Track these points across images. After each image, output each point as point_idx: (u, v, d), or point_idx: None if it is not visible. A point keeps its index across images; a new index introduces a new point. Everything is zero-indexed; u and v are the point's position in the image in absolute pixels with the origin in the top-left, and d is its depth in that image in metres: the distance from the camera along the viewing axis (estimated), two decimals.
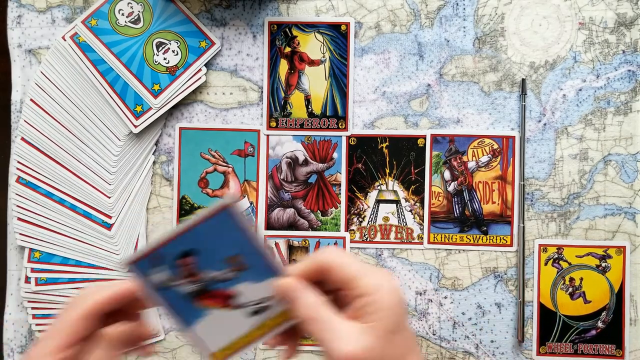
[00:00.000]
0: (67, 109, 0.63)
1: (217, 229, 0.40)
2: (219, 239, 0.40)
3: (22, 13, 0.64)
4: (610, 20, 0.62)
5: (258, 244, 0.41)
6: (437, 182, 0.63)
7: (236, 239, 0.41)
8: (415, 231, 0.63)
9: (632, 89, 0.62)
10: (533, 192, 0.62)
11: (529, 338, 0.62)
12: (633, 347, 0.61)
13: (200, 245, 0.40)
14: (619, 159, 0.62)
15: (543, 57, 0.62)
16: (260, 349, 0.63)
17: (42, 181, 0.63)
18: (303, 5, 0.63)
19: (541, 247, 0.62)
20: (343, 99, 0.63)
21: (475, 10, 0.63)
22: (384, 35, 0.63)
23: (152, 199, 0.64)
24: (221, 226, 0.40)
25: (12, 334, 0.64)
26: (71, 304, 0.41)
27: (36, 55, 0.64)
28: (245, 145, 0.64)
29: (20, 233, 0.63)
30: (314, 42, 0.63)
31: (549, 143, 0.62)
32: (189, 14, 0.63)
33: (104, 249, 0.63)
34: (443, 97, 0.63)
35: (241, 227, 0.40)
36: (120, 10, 0.63)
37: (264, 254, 0.41)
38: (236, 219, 0.40)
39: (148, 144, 0.64)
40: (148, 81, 0.62)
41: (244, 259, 0.41)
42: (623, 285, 0.61)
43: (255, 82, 0.64)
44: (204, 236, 0.40)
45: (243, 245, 0.41)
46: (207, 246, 0.41)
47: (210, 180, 0.64)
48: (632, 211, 0.62)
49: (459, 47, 0.63)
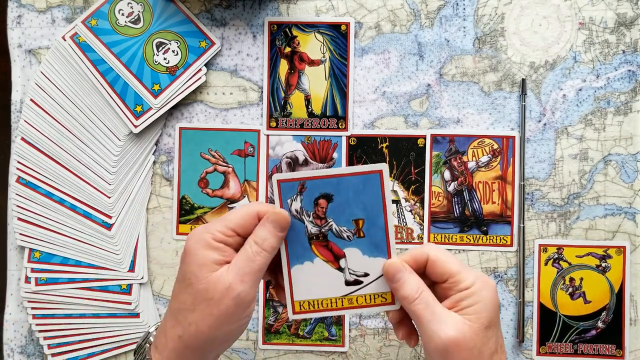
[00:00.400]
0: (67, 109, 0.63)
1: (361, 188, 0.42)
2: (356, 197, 0.42)
3: (22, 13, 0.64)
4: (610, 20, 0.62)
5: (386, 218, 0.42)
6: (437, 182, 0.63)
7: (370, 205, 0.42)
8: (415, 231, 0.63)
9: (632, 89, 0.62)
10: (533, 192, 0.62)
11: (529, 338, 0.62)
12: (633, 347, 0.61)
13: (339, 195, 0.43)
14: (619, 159, 0.62)
15: (543, 57, 0.62)
16: (260, 349, 0.63)
17: (42, 181, 0.63)
18: (303, 5, 0.63)
19: (541, 247, 0.62)
20: (343, 99, 0.63)
21: (475, 10, 0.63)
22: (384, 35, 0.63)
23: (152, 199, 0.64)
24: (365, 186, 0.42)
25: (12, 334, 0.64)
26: (242, 205, 0.46)
27: (36, 55, 0.64)
28: (245, 145, 0.64)
29: (20, 233, 0.63)
30: (314, 42, 0.63)
31: (549, 143, 0.62)
32: (189, 14, 0.63)
33: (104, 249, 0.63)
34: (443, 97, 0.63)
35: (381, 195, 0.42)
36: (120, 10, 0.63)
37: (386, 230, 0.43)
38: (381, 186, 0.42)
39: (148, 144, 0.64)
40: (148, 81, 0.62)
41: (366, 226, 0.43)
42: (623, 285, 0.61)
43: (255, 82, 0.64)
44: (346, 188, 0.42)
45: (373, 213, 0.43)
46: (345, 199, 0.43)
47: (210, 180, 0.64)
48: (632, 211, 0.62)
49: (459, 47, 0.63)
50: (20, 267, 0.64)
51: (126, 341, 0.63)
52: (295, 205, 0.43)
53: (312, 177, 0.42)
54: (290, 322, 0.63)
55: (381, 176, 0.42)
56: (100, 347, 0.63)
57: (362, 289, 0.44)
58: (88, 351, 0.63)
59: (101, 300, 0.62)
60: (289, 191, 0.43)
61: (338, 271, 0.44)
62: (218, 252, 0.43)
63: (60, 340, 0.62)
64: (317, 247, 0.44)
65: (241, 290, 0.42)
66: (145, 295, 0.63)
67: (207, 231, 0.43)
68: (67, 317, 0.62)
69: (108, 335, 0.63)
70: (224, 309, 0.42)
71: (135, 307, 0.62)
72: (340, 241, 0.44)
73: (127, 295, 0.62)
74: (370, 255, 0.43)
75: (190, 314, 0.42)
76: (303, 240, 0.44)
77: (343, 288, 0.44)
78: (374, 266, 0.43)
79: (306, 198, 0.43)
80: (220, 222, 0.44)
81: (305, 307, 0.45)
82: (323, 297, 0.44)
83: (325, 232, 0.44)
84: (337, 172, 0.42)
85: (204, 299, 0.42)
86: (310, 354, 0.63)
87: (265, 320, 0.63)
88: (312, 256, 0.44)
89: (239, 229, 0.44)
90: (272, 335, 0.63)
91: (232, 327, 0.43)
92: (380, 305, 0.44)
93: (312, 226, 0.43)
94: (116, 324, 0.63)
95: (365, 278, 0.44)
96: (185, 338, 0.42)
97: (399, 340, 0.62)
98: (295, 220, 0.43)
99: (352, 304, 0.44)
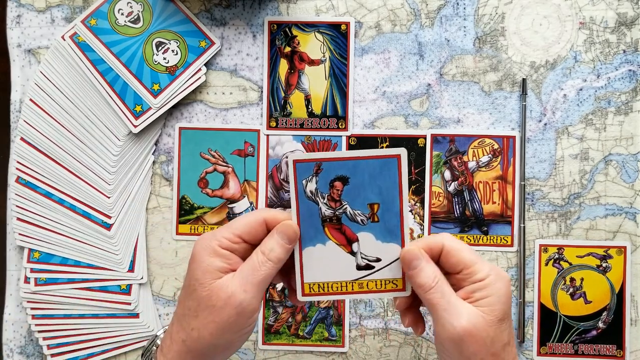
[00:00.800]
0: (67, 109, 0.63)
1: (378, 171, 0.42)
2: (373, 181, 0.42)
3: (21, 13, 0.64)
4: (610, 20, 0.62)
5: (401, 204, 0.42)
6: (437, 182, 0.63)
7: (386, 189, 0.42)
8: (415, 231, 0.63)
9: (633, 89, 0.62)
10: (533, 192, 0.62)
11: (530, 338, 0.62)
12: (634, 348, 0.61)
13: (356, 177, 0.42)
14: (619, 159, 0.62)
15: (543, 57, 0.62)
16: (260, 349, 0.63)
17: (42, 181, 0.63)
18: (303, 4, 0.63)
19: (542, 247, 0.62)
20: (343, 99, 0.63)
21: (475, 9, 0.62)
22: (384, 35, 0.63)
23: (152, 199, 0.64)
24: (382, 170, 0.42)
25: (11, 334, 0.64)
26: (250, 212, 0.46)
27: (35, 55, 0.64)
28: (245, 145, 0.64)
29: (19, 233, 0.63)
30: (314, 41, 0.63)
31: (550, 143, 0.62)
32: (189, 14, 0.63)
33: (104, 249, 0.63)
34: (443, 97, 0.63)
35: (398, 180, 0.42)
36: (120, 9, 0.63)
37: (401, 216, 0.42)
38: (399, 171, 0.41)
39: (148, 144, 0.64)
40: (148, 81, 0.62)
41: (381, 211, 0.42)
42: (624, 285, 0.61)
43: (255, 82, 0.64)
44: (363, 171, 0.42)
45: (389, 198, 0.42)
46: (361, 182, 0.42)
47: (210, 180, 0.64)
48: (632, 211, 0.62)
49: (460, 47, 0.62)
50: (19, 267, 0.64)
51: (126, 341, 0.63)
52: (310, 187, 0.43)
53: (329, 159, 0.42)
54: (290, 323, 0.63)
55: (399, 161, 0.41)
56: (99, 348, 0.63)
57: (373, 274, 0.43)
58: (87, 351, 0.63)
59: (101, 300, 0.62)
60: (304, 172, 0.42)
61: (350, 255, 0.43)
62: (223, 260, 0.43)
63: (59, 340, 0.62)
64: (330, 229, 0.43)
65: (243, 299, 0.41)
66: (145, 295, 0.63)
67: (214, 238, 0.43)
68: (67, 318, 0.62)
69: (107, 336, 0.63)
70: (226, 318, 0.42)
71: (134, 307, 0.62)
72: (354, 225, 0.43)
73: (127, 295, 0.62)
74: (383, 241, 0.43)
75: (193, 320, 0.42)
76: (316, 222, 0.43)
77: (354, 272, 0.44)
78: (386, 252, 0.43)
79: (322, 179, 0.42)
80: (227, 228, 0.44)
81: (314, 290, 0.44)
82: (333, 281, 0.44)
83: (340, 215, 0.43)
84: (355, 154, 0.41)
85: (207, 306, 0.42)
86: (310, 355, 0.63)
87: (265, 320, 0.63)
88: (325, 239, 0.43)
89: (246, 235, 0.44)
90: (272, 335, 0.63)
91: (234, 335, 0.43)
92: (391, 291, 0.44)
93: (326, 208, 0.43)
94: (116, 324, 0.63)
95: (377, 263, 0.43)
96: (188, 343, 0.43)
97: (399, 341, 0.62)
98: (309, 201, 0.43)
99: (363, 288, 0.44)
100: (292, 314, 0.63)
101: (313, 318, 0.63)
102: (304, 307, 0.63)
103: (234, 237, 0.43)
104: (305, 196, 0.43)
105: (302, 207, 0.43)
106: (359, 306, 0.63)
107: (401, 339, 0.62)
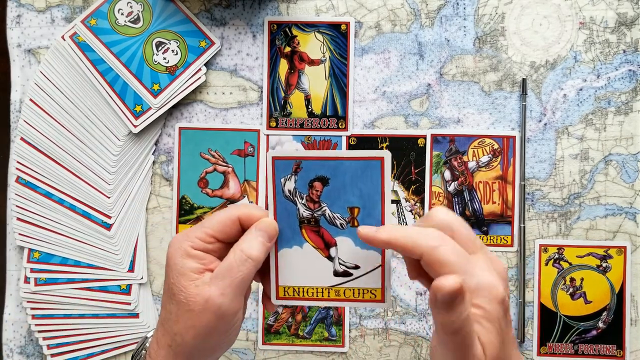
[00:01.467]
0: (67, 108, 0.63)
1: (359, 174, 0.40)
2: (354, 184, 0.40)
3: (21, 13, 0.64)
4: (610, 19, 0.62)
5: (383, 209, 0.40)
6: (437, 182, 0.63)
7: (368, 193, 0.40)
8: None
9: (633, 89, 0.62)
10: (533, 192, 0.62)
11: (530, 338, 0.62)
12: (634, 348, 0.61)
13: (336, 179, 0.40)
14: (619, 159, 0.62)
15: (544, 57, 0.62)
16: (260, 349, 0.63)
17: (42, 181, 0.63)
18: (303, 4, 0.63)
19: (542, 247, 0.62)
20: (343, 99, 0.63)
21: (475, 9, 0.62)
22: (384, 35, 0.63)
23: (152, 199, 0.64)
24: (364, 173, 0.40)
25: (11, 334, 0.64)
26: (222, 210, 0.42)
27: (35, 55, 0.64)
28: (245, 145, 0.64)
29: (19, 233, 0.63)
30: (313, 41, 0.63)
31: (550, 143, 0.62)
32: (189, 14, 0.63)
33: (104, 249, 0.63)
34: (443, 97, 0.63)
35: (380, 185, 0.40)
36: (120, 9, 0.63)
37: (382, 222, 0.40)
38: (382, 175, 0.40)
39: (148, 144, 0.64)
40: (147, 81, 0.62)
41: (362, 215, 0.41)
42: (624, 285, 0.61)
43: (255, 82, 0.64)
44: (344, 173, 0.40)
45: (370, 202, 0.40)
46: (341, 184, 0.40)
47: (210, 180, 0.64)
48: (632, 211, 0.62)
49: (460, 47, 0.62)
50: (19, 267, 0.64)
51: (126, 341, 0.63)
52: (289, 186, 0.41)
53: (309, 158, 0.40)
54: (290, 323, 0.63)
55: (382, 164, 0.39)
56: (99, 348, 0.63)
57: (351, 282, 0.41)
58: (87, 351, 0.63)
59: (100, 300, 0.62)
60: (283, 170, 0.40)
61: (327, 260, 0.42)
62: (196, 261, 0.41)
63: (59, 340, 0.62)
64: (308, 231, 0.41)
65: (221, 303, 0.39)
66: (145, 295, 0.63)
67: (186, 238, 0.41)
68: (67, 318, 0.62)
69: (107, 336, 0.63)
70: (205, 322, 0.40)
71: (134, 307, 0.62)
72: (333, 228, 0.41)
73: (127, 295, 0.62)
74: (362, 247, 0.41)
75: (175, 325, 0.41)
76: (293, 223, 0.41)
77: (331, 278, 0.42)
78: (365, 259, 0.41)
79: (301, 179, 0.40)
80: (200, 228, 0.42)
81: (289, 294, 0.42)
82: (309, 286, 0.42)
83: (318, 216, 0.41)
84: (336, 154, 0.39)
85: (186, 311, 0.40)
86: (310, 355, 0.63)
87: (265, 320, 0.63)
88: (302, 241, 0.42)
89: (219, 234, 0.41)
90: (272, 335, 0.63)
91: (218, 339, 0.41)
92: (369, 301, 0.41)
93: (305, 209, 0.41)
94: (115, 324, 0.63)
95: (356, 271, 0.41)
96: (173, 347, 0.41)
97: (399, 341, 0.62)
98: (287, 201, 0.41)
99: (339, 296, 0.42)
100: (292, 314, 0.63)
101: (313, 318, 0.63)
102: (304, 307, 0.63)
103: (207, 237, 0.41)
104: (283, 195, 0.41)
105: (280, 206, 0.41)
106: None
107: (401, 339, 0.62)
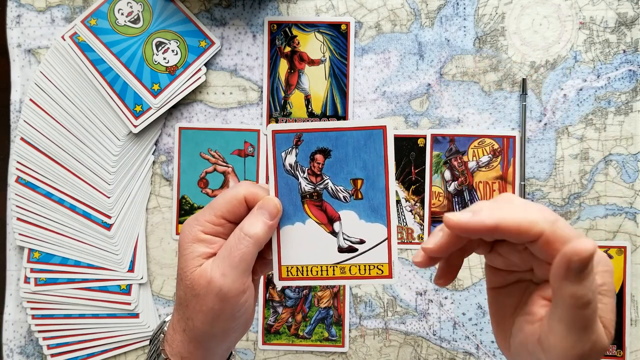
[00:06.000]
0: (67, 108, 0.63)
1: (362, 144, 0.39)
2: (356, 154, 0.39)
3: (21, 13, 0.64)
4: (610, 19, 0.62)
5: (387, 180, 0.39)
6: (437, 182, 0.63)
7: (371, 164, 0.39)
8: (415, 231, 0.63)
9: (633, 89, 0.62)
10: (534, 192, 0.62)
11: None
12: (634, 348, 0.61)
13: (338, 150, 0.39)
14: (619, 159, 0.62)
15: (544, 57, 0.62)
16: (260, 349, 0.63)
17: (42, 181, 0.63)
18: (303, 4, 0.63)
19: None
20: (343, 99, 0.63)
21: (475, 9, 0.62)
22: (384, 35, 0.63)
23: (152, 199, 0.64)
24: (367, 143, 0.39)
25: (11, 334, 0.64)
26: (229, 189, 0.41)
27: (35, 55, 0.64)
28: (245, 145, 0.64)
29: (19, 233, 0.63)
30: (313, 41, 0.63)
31: (550, 143, 0.62)
32: (189, 14, 0.63)
33: (104, 249, 0.63)
34: (443, 97, 0.63)
35: (383, 154, 0.39)
36: (120, 9, 0.63)
37: (386, 193, 0.39)
38: (384, 144, 0.38)
39: (148, 144, 0.64)
40: (147, 81, 0.62)
41: (365, 187, 0.39)
42: (624, 285, 0.61)
43: (255, 82, 0.64)
44: (346, 144, 0.39)
45: (373, 173, 0.39)
46: (344, 155, 0.39)
47: (210, 180, 0.64)
48: (632, 211, 0.62)
49: (460, 47, 0.62)
50: (19, 267, 0.64)
51: (126, 341, 0.63)
52: (290, 159, 0.40)
53: (310, 130, 0.39)
54: (290, 323, 0.63)
55: (384, 133, 0.38)
56: (99, 348, 0.63)
57: (356, 258, 0.40)
58: (87, 351, 0.63)
59: (100, 300, 0.62)
60: (283, 143, 0.39)
61: (331, 235, 0.40)
62: (206, 245, 0.40)
63: (59, 340, 0.62)
64: (310, 206, 0.40)
65: (222, 284, 0.38)
66: (145, 295, 0.63)
67: (196, 223, 0.41)
68: (67, 318, 0.62)
69: (107, 336, 0.63)
70: (210, 305, 0.39)
71: (134, 307, 0.62)
72: (336, 202, 0.40)
73: (127, 295, 0.62)
74: (367, 220, 0.39)
75: (186, 310, 0.41)
76: (295, 198, 0.40)
77: (336, 255, 0.40)
78: (371, 233, 0.39)
79: (302, 152, 0.39)
80: (209, 210, 0.41)
81: (293, 274, 0.41)
82: (313, 264, 0.40)
83: (320, 190, 0.40)
84: (337, 125, 0.38)
85: (193, 295, 0.40)
86: (310, 355, 0.63)
87: (265, 320, 0.63)
88: (304, 217, 0.40)
89: (228, 214, 0.41)
90: (272, 335, 0.63)
91: (226, 324, 0.41)
92: (376, 277, 0.40)
93: (306, 183, 0.40)
94: (116, 324, 0.63)
95: (361, 245, 0.40)
96: (187, 332, 0.41)
97: (399, 341, 0.62)
98: (288, 175, 0.40)
99: (345, 273, 0.40)
100: (292, 314, 0.63)
101: (313, 318, 0.63)
102: (303, 307, 0.63)
103: (217, 219, 0.40)
104: (284, 170, 0.40)
105: (281, 181, 0.40)
106: (359, 306, 0.63)
107: (401, 339, 0.62)
